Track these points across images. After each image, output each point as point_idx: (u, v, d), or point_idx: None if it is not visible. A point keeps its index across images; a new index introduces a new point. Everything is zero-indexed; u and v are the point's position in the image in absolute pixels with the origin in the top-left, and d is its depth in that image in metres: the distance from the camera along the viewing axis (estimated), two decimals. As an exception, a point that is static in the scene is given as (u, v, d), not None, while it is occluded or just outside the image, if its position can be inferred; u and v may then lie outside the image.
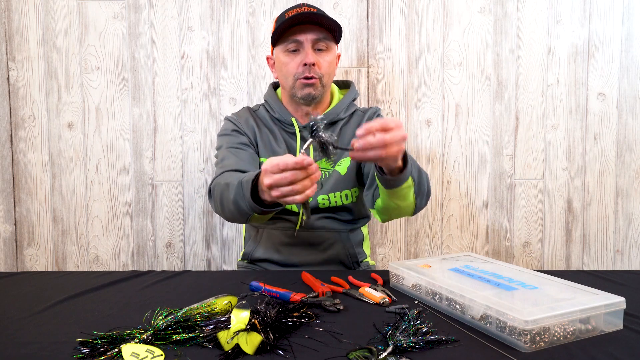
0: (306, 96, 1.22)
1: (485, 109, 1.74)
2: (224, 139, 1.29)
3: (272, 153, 1.27)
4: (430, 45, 1.72)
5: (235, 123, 1.30)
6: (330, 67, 1.24)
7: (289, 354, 0.67)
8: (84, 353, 0.67)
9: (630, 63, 1.72)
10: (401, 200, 1.07)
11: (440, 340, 0.71)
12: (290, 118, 1.28)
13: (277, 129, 1.30)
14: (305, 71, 1.20)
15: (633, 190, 1.75)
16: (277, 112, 1.29)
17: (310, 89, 1.21)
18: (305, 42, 1.20)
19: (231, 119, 1.32)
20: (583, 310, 0.72)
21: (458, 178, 1.76)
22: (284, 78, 1.25)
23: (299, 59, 1.20)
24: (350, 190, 1.27)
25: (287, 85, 1.25)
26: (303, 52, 1.20)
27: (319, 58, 1.21)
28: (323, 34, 1.21)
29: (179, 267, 1.77)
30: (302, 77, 1.20)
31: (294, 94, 1.24)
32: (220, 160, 1.22)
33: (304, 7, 1.21)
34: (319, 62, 1.20)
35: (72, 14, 1.70)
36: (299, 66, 1.20)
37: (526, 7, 1.71)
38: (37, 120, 1.72)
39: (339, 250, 1.27)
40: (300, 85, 1.21)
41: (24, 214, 1.74)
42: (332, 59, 1.24)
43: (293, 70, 1.21)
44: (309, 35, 1.20)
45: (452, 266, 0.97)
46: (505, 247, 1.78)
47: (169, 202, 1.75)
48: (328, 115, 1.28)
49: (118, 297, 0.93)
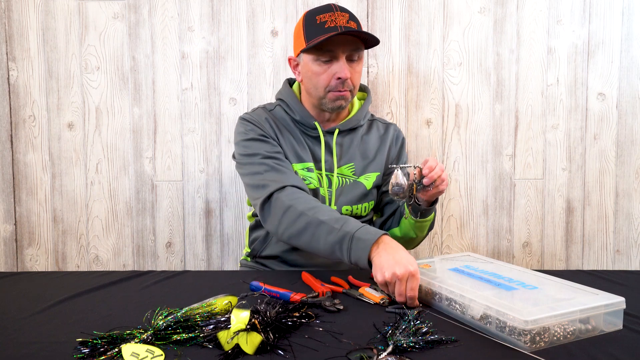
0: (337, 108, 1.21)
1: (485, 109, 1.74)
2: (254, 145, 1.18)
3: (297, 159, 1.22)
4: (430, 45, 1.72)
5: (258, 126, 1.22)
6: (360, 77, 1.23)
7: (289, 354, 0.67)
8: (84, 353, 0.67)
9: (630, 63, 1.72)
10: (420, 232, 1.20)
11: (440, 340, 0.71)
12: (312, 122, 1.24)
13: (299, 132, 1.25)
14: (339, 85, 1.16)
15: (633, 190, 1.75)
16: (299, 114, 1.25)
17: (341, 101, 1.19)
18: (341, 54, 1.15)
19: (252, 121, 1.22)
20: (583, 310, 0.73)
21: (458, 178, 1.76)
22: (314, 87, 1.20)
23: (333, 70, 1.15)
24: (368, 203, 1.29)
25: (316, 94, 1.21)
26: (337, 64, 1.15)
27: (352, 70, 1.17)
28: (358, 46, 1.16)
29: (179, 267, 1.77)
30: (336, 90, 1.17)
31: (323, 103, 1.20)
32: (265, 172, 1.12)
33: (337, 12, 1.14)
34: (353, 76, 1.17)
35: (72, 14, 1.70)
36: (333, 79, 1.16)
37: (526, 7, 1.71)
38: (37, 120, 1.72)
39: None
40: (333, 98, 1.18)
41: (24, 214, 1.74)
42: (362, 68, 1.23)
43: (325, 82, 1.17)
44: (346, 47, 1.14)
45: (452, 266, 0.97)
46: (505, 247, 1.78)
47: (169, 202, 1.75)
48: (350, 122, 1.28)
49: (118, 297, 0.93)
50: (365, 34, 1.13)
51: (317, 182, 1.24)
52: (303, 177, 1.21)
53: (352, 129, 1.29)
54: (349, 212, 1.26)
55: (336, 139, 1.27)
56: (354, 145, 1.29)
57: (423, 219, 1.18)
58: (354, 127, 1.29)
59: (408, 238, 1.25)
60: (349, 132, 1.29)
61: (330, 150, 1.26)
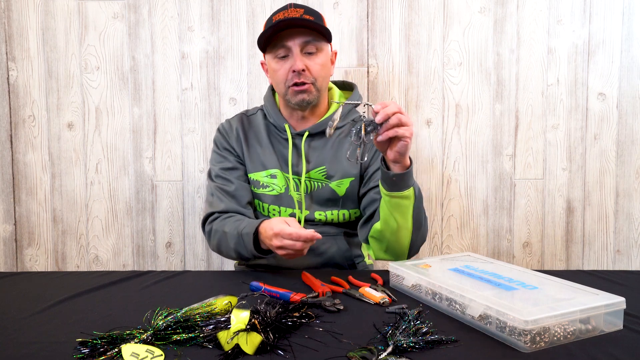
0: (300, 102, 1.18)
1: (485, 109, 1.74)
2: (213, 157, 1.29)
3: (261, 167, 1.25)
4: (430, 45, 1.72)
5: (225, 137, 1.28)
6: (324, 70, 1.19)
7: (289, 354, 0.67)
8: (84, 353, 0.67)
9: (630, 63, 1.72)
10: (401, 217, 1.06)
11: (440, 340, 0.71)
12: (283, 124, 1.25)
13: (270, 136, 1.27)
14: (294, 78, 1.16)
15: (633, 190, 1.75)
16: (272, 117, 1.27)
17: (303, 95, 1.17)
18: (294, 47, 1.15)
19: (222, 132, 1.30)
20: (583, 310, 0.72)
21: (458, 178, 1.76)
22: (276, 85, 1.22)
23: (288, 65, 1.16)
24: (349, 211, 1.25)
25: (280, 92, 1.22)
26: (292, 58, 1.16)
27: (309, 62, 1.16)
28: (312, 37, 1.15)
29: (179, 267, 1.77)
30: (292, 84, 1.16)
31: (288, 100, 1.20)
32: (211, 196, 1.24)
33: (291, 8, 1.16)
34: (309, 67, 1.16)
35: (72, 14, 1.70)
36: (289, 73, 1.16)
37: (526, 7, 1.71)
38: (37, 120, 1.72)
39: (335, 253, 1.24)
40: (293, 92, 1.17)
41: (23, 214, 1.74)
42: (324, 60, 1.19)
43: (283, 77, 1.18)
44: (297, 39, 1.15)
45: (452, 266, 0.97)
46: (505, 247, 1.78)
47: (169, 202, 1.75)
48: (322, 124, 1.24)
49: (118, 297, 0.93)
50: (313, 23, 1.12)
51: (281, 188, 1.24)
52: (266, 184, 1.25)
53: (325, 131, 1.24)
54: (322, 217, 1.24)
55: (306, 141, 1.24)
56: (326, 148, 1.25)
57: (398, 193, 1.03)
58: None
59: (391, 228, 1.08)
60: (322, 134, 1.25)
61: (299, 153, 1.24)
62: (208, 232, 1.21)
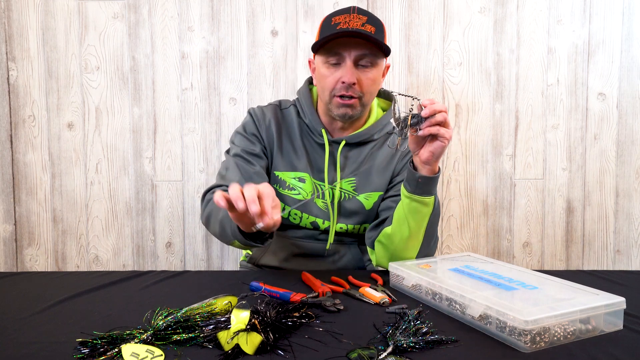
0: (342, 115, 1.13)
1: (485, 108, 1.74)
2: (238, 138, 1.20)
3: (290, 168, 1.19)
4: (430, 45, 1.72)
5: (256, 124, 1.20)
6: (374, 85, 1.13)
7: (289, 354, 0.67)
8: (84, 353, 0.67)
9: (630, 63, 1.72)
10: (415, 224, 1.03)
11: (440, 340, 0.71)
12: (320, 129, 1.19)
13: (302, 137, 1.21)
14: (342, 89, 1.09)
15: (633, 190, 1.75)
16: (308, 118, 1.20)
17: (347, 109, 1.11)
18: (347, 58, 1.08)
19: (254, 117, 1.21)
20: (583, 310, 0.72)
21: (458, 178, 1.76)
22: (322, 90, 1.15)
23: (339, 74, 1.09)
24: (368, 224, 1.21)
25: (323, 98, 1.16)
26: (344, 67, 1.09)
27: (361, 75, 1.09)
28: (369, 50, 1.08)
29: (179, 267, 1.77)
30: (339, 95, 1.10)
31: (330, 109, 1.14)
32: (225, 169, 1.15)
33: (354, 14, 1.09)
34: (360, 80, 1.09)
35: (72, 14, 1.70)
36: (337, 82, 1.09)
37: (526, 7, 1.71)
38: (37, 120, 1.72)
39: (349, 261, 1.23)
40: (337, 104, 1.11)
41: (23, 214, 1.74)
42: (376, 75, 1.12)
43: (330, 85, 1.11)
44: (352, 51, 1.08)
45: (452, 266, 0.97)
46: (505, 247, 1.78)
47: (169, 202, 1.75)
48: (361, 135, 1.19)
49: (118, 297, 0.93)
50: (373, 38, 1.05)
51: (307, 194, 1.18)
52: (292, 187, 1.18)
53: (361, 142, 1.20)
54: (344, 228, 1.19)
55: (342, 150, 1.20)
56: (360, 160, 1.21)
57: (419, 197, 1.00)
58: (365, 140, 1.20)
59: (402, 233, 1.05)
60: (358, 145, 1.21)
61: (335, 161, 1.19)
62: (206, 201, 1.10)
